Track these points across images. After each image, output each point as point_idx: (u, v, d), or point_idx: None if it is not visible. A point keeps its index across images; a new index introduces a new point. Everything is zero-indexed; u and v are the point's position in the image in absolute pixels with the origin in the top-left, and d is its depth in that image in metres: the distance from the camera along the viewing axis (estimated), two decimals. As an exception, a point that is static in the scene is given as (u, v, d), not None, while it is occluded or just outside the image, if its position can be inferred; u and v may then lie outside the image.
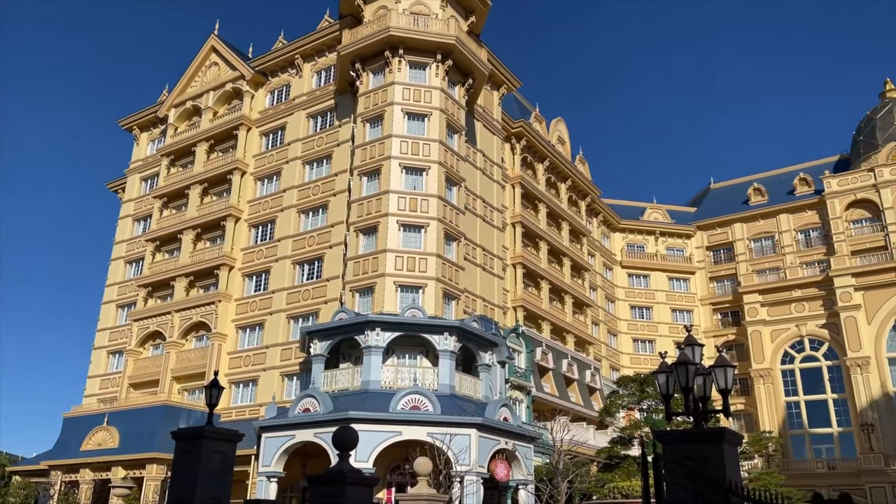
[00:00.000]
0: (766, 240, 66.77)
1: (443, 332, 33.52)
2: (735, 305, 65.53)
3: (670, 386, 14.99)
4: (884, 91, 67.47)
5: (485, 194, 46.24)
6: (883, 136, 62.97)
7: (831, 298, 59.21)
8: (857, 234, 61.55)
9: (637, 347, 66.08)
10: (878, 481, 51.89)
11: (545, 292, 52.83)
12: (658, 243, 69.64)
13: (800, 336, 60.82)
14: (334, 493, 12.70)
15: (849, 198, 61.97)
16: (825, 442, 58.02)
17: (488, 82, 47.99)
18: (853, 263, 58.90)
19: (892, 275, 57.02)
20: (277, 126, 47.12)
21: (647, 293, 67.96)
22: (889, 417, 54.73)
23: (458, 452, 28.28)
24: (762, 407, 59.93)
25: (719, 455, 13.10)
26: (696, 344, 14.99)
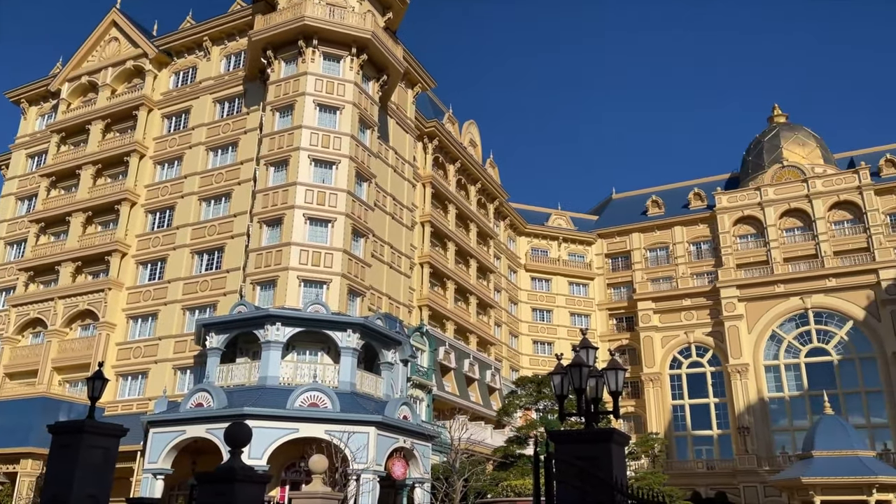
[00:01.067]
0: (661, 250, 70.01)
1: (346, 328, 33.14)
2: (630, 311, 68.36)
3: (565, 387, 15.38)
4: (772, 115, 72.22)
5: (395, 192, 46.12)
6: (769, 157, 67.37)
7: (717, 308, 62.79)
8: (742, 248, 65.55)
9: (537, 349, 67.79)
10: (751, 481, 55.45)
11: (451, 292, 53.27)
12: (561, 249, 71.70)
13: (688, 343, 64.14)
14: (223, 491, 12.25)
15: (737, 214, 65.94)
16: (706, 443, 61.43)
17: (403, 80, 47.90)
18: (738, 276, 62.72)
19: (772, 288, 61.10)
20: (181, 109, 45.22)
21: (549, 297, 69.82)
22: (763, 421, 58.59)
23: (355, 450, 28.04)
24: (651, 409, 62.80)
25: (608, 455, 13.53)
26: (590, 347, 15.46)
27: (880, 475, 33.73)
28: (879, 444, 53.14)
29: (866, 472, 33.77)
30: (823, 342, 59.15)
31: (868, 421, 55.75)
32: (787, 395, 59.17)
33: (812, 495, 34.65)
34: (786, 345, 60.25)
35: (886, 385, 55.61)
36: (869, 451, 37.18)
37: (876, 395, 56.22)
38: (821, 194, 62.88)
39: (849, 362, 57.90)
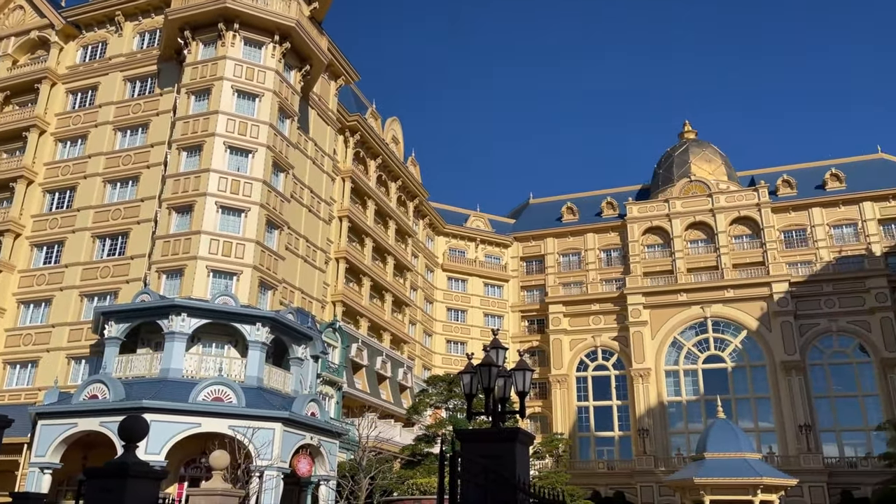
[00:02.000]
0: (573, 255, 71.94)
1: (255, 322, 32.31)
2: (541, 314, 69.89)
3: (474, 386, 15.53)
4: (683, 131, 75.48)
5: (313, 184, 45.36)
6: (679, 171, 70.39)
7: (624, 314, 65.07)
8: (650, 257, 68.20)
9: (450, 348, 68.27)
10: (648, 481, 57.75)
11: (366, 289, 52.89)
12: (478, 250, 72.51)
13: (595, 346, 66.16)
14: (114, 486, 11.67)
15: (646, 224, 68.55)
16: (607, 444, 63.53)
17: (326, 71, 47.20)
18: (644, 284, 65.22)
19: (675, 297, 63.86)
20: (88, 85, 42.90)
21: (464, 297, 70.47)
22: (661, 424, 61.15)
23: (260, 447, 27.36)
24: (557, 410, 64.40)
25: (512, 454, 13.71)
26: (500, 347, 15.66)
27: (765, 476, 35.79)
28: (765, 447, 56.46)
29: (752, 473, 35.75)
30: (720, 350, 62.32)
31: (756, 425, 59.10)
32: (685, 399, 61.97)
33: (703, 495, 36.38)
34: (685, 351, 63.10)
35: (774, 392, 59.12)
36: (756, 453, 39.34)
37: (764, 401, 59.68)
38: (723, 209, 66.22)
39: (741, 369, 61.22)
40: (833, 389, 58.80)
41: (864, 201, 63.60)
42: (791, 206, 65.60)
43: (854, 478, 53.95)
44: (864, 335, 58.62)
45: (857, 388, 58.20)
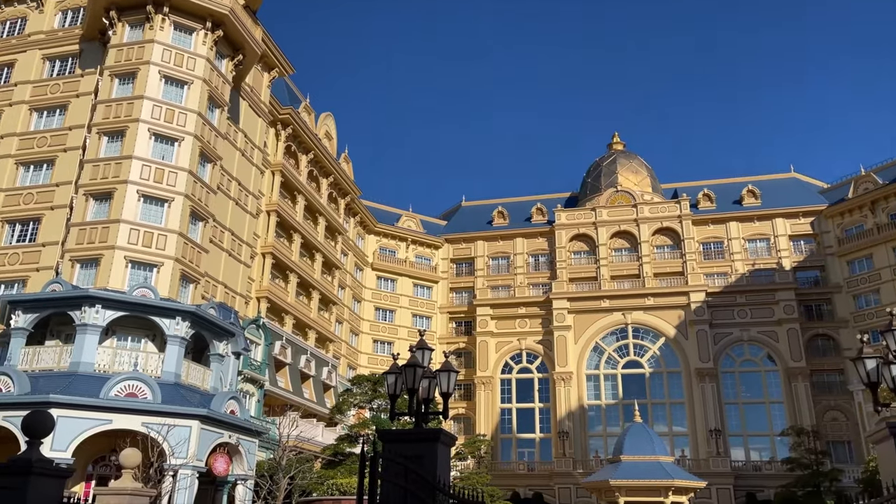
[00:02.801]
0: (502, 259, 72.83)
1: (175, 316, 31.21)
2: (469, 316, 70.43)
3: (398, 387, 15.51)
4: (612, 142, 77.56)
5: (242, 177, 44.30)
6: (606, 181, 72.30)
7: (549, 318, 66.32)
8: (576, 263, 69.77)
9: (377, 348, 67.93)
10: (566, 482, 59.01)
11: (293, 286, 52.02)
12: (409, 250, 72.45)
13: (520, 349, 67.17)
14: (16, 484, 11.10)
15: (573, 231, 70.10)
16: (528, 446, 64.58)
17: (260, 62, 46.21)
18: (569, 289, 66.68)
19: (598, 303, 65.57)
20: (3, 62, 40.63)
21: (393, 297, 70.27)
22: (581, 426, 62.62)
23: (175, 444, 26.48)
24: (480, 411, 65.02)
25: (433, 454, 13.75)
26: (426, 348, 15.70)
27: (676, 479, 37.12)
28: (678, 450, 58.58)
29: (665, 475, 37.01)
30: (639, 356, 64.33)
31: (670, 429, 61.29)
32: (604, 402, 63.67)
33: (617, 496, 37.42)
34: (606, 356, 64.84)
35: (688, 397, 61.45)
36: (669, 456, 40.71)
37: (679, 406, 61.97)
38: (647, 220, 68.42)
39: (658, 375, 63.38)
40: (742, 396, 61.61)
41: (777, 217, 66.92)
42: (710, 220, 68.36)
43: (758, 481, 56.65)
44: (773, 345, 61.67)
45: (765, 396, 61.16)
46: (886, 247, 61.27)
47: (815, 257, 65.31)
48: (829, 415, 59.75)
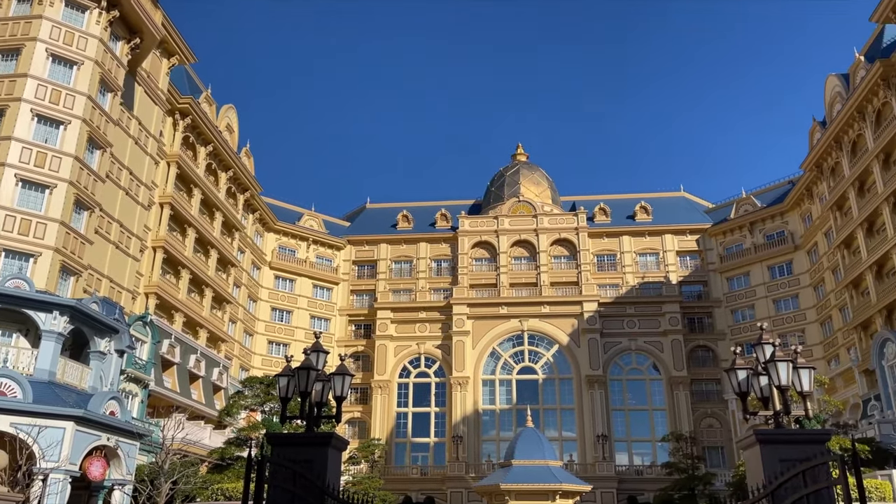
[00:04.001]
0: (405, 263, 72.86)
1: (52, 310, 29.20)
2: (369, 319, 69.97)
3: (290, 389, 15.15)
4: (516, 153, 79.36)
5: (134, 166, 42.13)
6: (509, 191, 73.86)
7: (448, 323, 66.93)
8: (477, 270, 70.80)
9: (272, 349, 66.28)
10: (458, 486, 59.63)
11: (185, 282, 49.95)
12: (310, 250, 71.17)
13: (418, 353, 67.37)
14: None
15: (476, 238, 71.13)
16: (423, 450, 64.80)
17: (159, 48, 44.19)
18: (470, 295, 67.58)
19: (497, 309, 66.80)
20: None
21: (291, 297, 68.79)
22: (475, 431, 63.50)
23: (46, 447, 24.76)
24: (376, 415, 64.69)
25: (324, 459, 13.52)
26: (321, 351, 15.40)
27: (564, 483, 38.21)
28: (567, 454, 60.53)
29: (553, 480, 38.01)
30: (533, 362, 66.01)
31: (560, 434, 63.18)
32: (499, 407, 64.86)
33: (507, 500, 38.12)
34: (503, 362, 66.13)
35: (578, 403, 63.59)
36: (558, 461, 41.84)
37: (569, 412, 64.01)
38: (546, 230, 70.39)
39: (551, 381, 65.25)
40: (628, 403, 64.41)
41: (666, 234, 70.49)
42: (605, 233, 71.14)
43: (640, 484, 59.30)
44: (657, 355, 64.84)
45: (649, 403, 64.18)
46: (762, 265, 65.87)
47: (698, 273, 69.24)
48: (705, 422, 63.42)
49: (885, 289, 48.56)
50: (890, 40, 48.30)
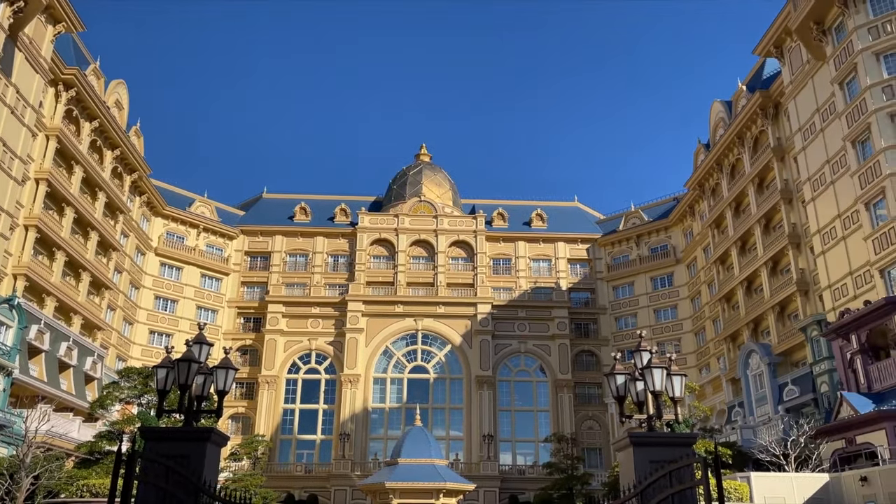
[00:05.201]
0: (301, 256, 71.45)
1: None
2: (260, 312, 68.09)
3: (169, 382, 14.52)
4: (419, 153, 79.60)
5: (8, 137, 39.01)
6: (411, 190, 74.01)
7: (342, 320, 66.21)
8: (374, 267, 70.45)
9: (153, 340, 63.24)
10: (343, 484, 59.07)
11: (60, 265, 46.78)
12: (200, 238, 68.42)
13: (310, 349, 66.23)
14: None
15: (375, 235, 70.79)
16: (309, 447, 63.75)
17: (44, 13, 41.14)
18: (366, 292, 67.15)
19: (393, 307, 66.74)
20: None
21: (177, 286, 65.88)
22: (363, 429, 63.14)
23: None
24: (262, 411, 63.02)
25: (201, 455, 13.03)
26: (204, 343, 14.84)
27: (448, 482, 38.70)
28: (453, 454, 61.25)
29: (438, 478, 38.42)
30: (426, 361, 66.42)
31: (448, 433, 63.89)
32: (388, 406, 64.81)
33: (392, 498, 38.16)
34: (395, 360, 66.14)
35: (467, 404, 64.56)
36: (443, 460, 42.34)
37: (458, 412, 64.85)
38: (446, 231, 71.04)
39: (442, 381, 65.88)
40: (515, 404, 66.03)
41: (559, 241, 72.85)
42: (502, 237, 72.63)
43: (522, 483, 60.90)
44: (545, 358, 66.88)
45: (534, 404, 66.05)
46: (645, 276, 69.36)
47: (587, 280, 71.98)
48: (586, 423, 66.01)
49: (754, 304, 52.26)
50: (770, 73, 52.04)
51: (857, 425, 30.74)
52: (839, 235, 39.21)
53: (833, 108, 39.45)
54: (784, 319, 48.48)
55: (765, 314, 50.17)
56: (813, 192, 42.14)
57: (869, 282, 35.70)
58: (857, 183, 36.38)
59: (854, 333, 34.20)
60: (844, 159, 38.17)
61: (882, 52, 35.77)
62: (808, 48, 41.48)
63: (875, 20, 36.26)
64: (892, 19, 35.75)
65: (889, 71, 35.36)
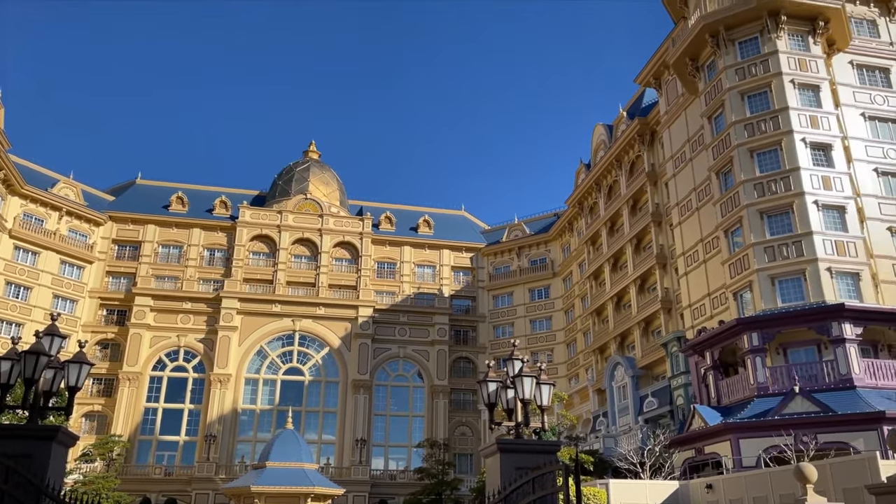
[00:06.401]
0: (174, 248, 68.06)
1: None
2: (125, 305, 64.19)
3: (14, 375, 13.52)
4: (308, 150, 78.09)
5: None
6: (297, 187, 72.42)
7: (216, 316, 63.65)
8: (253, 264, 68.28)
9: (2, 329, 58.01)
10: (205, 488, 56.62)
11: None
12: (62, 222, 63.60)
13: (178, 346, 63.15)
14: None
15: (256, 230, 68.63)
16: (171, 449, 60.66)
17: None
18: (242, 289, 64.93)
19: (270, 306, 64.94)
20: None
21: (32, 272, 60.84)
22: (231, 431, 60.90)
23: None
24: (121, 410, 59.35)
25: (46, 455, 12.32)
26: (56, 335, 13.96)
27: (317, 486, 37.95)
28: (325, 458, 60.34)
29: (307, 482, 37.60)
30: (302, 363, 65.06)
31: (320, 437, 62.86)
32: (259, 407, 62.89)
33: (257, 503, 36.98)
34: (269, 361, 64.33)
35: (341, 407, 63.80)
36: (314, 464, 41.51)
37: (332, 416, 63.95)
38: (331, 231, 70.04)
39: (317, 384, 64.75)
40: (391, 409, 65.98)
41: (444, 249, 73.71)
42: (388, 241, 72.54)
43: (392, 488, 60.90)
44: (423, 363, 67.33)
45: (410, 409, 66.28)
46: (524, 287, 71.52)
47: (469, 289, 73.24)
48: (459, 429, 67.01)
49: (622, 318, 55.09)
50: (649, 102, 55.22)
51: (706, 436, 33.02)
52: (701, 259, 42.12)
53: (702, 140, 42.38)
54: (648, 335, 51.41)
55: (631, 329, 52.99)
56: (680, 216, 45.02)
57: (724, 303, 38.54)
58: (718, 211, 39.22)
59: (708, 350, 36.78)
60: (709, 188, 41.06)
61: (746, 92, 38.84)
62: (683, 82, 44.37)
63: (742, 62, 39.35)
64: (757, 62, 38.92)
65: (752, 110, 38.43)
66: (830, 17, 38.88)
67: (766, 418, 30.35)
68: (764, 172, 36.83)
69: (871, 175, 38.01)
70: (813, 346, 33.63)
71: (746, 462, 30.01)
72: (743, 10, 39.09)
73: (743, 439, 30.85)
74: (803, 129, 36.75)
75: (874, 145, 38.78)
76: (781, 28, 38.76)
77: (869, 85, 40.50)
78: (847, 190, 35.89)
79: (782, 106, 37.33)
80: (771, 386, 32.62)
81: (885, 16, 42.46)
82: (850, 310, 32.16)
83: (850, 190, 36.06)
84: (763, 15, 38.83)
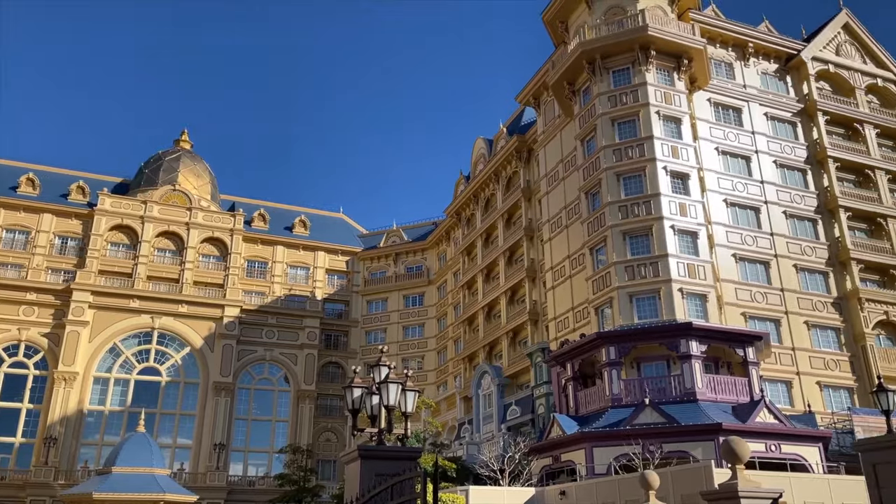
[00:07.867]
0: (21, 233, 62.55)
1: None
2: (-42, 293, 58.04)
3: None
4: (179, 139, 74.28)
5: None
6: (165, 177, 68.60)
7: (64, 310, 59.00)
8: (111, 255, 63.90)
9: None
10: (42, 494, 52.17)
11: None
12: None
13: (19, 340, 58.01)
14: None
15: (116, 220, 64.32)
16: (5, 452, 55.53)
17: None
18: (97, 282, 60.58)
19: (127, 301, 60.98)
20: None
21: None
22: (75, 433, 56.49)
23: None
24: (-54, 409, 53.57)
25: None
26: None
27: (168, 493, 35.89)
28: (179, 463, 57.22)
29: (157, 489, 35.48)
30: (159, 363, 61.50)
31: (175, 441, 59.62)
32: (108, 409, 58.80)
33: (99, 511, 34.45)
34: (123, 359, 60.35)
35: (200, 410, 60.86)
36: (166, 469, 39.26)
37: (189, 419, 60.83)
38: (199, 226, 66.86)
39: (175, 385, 61.42)
40: (253, 413, 63.74)
41: (320, 251, 72.44)
42: (260, 239, 70.29)
43: (251, 495, 58.77)
44: (291, 367, 65.65)
45: (273, 414, 64.34)
46: (399, 293, 71.60)
47: (343, 293, 72.35)
48: (324, 435, 65.86)
49: (492, 328, 56.42)
50: (528, 120, 57.13)
51: (563, 444, 34.37)
52: (567, 274, 43.96)
53: (574, 161, 44.34)
54: (516, 345, 52.94)
55: (500, 339, 54.35)
56: (551, 232, 46.81)
57: (586, 317, 40.40)
58: (586, 229, 41.13)
59: (569, 362, 38.37)
60: (578, 207, 42.99)
61: (617, 119, 41.06)
62: (561, 104, 46.27)
63: (615, 90, 41.58)
64: (628, 91, 41.28)
65: (621, 136, 40.66)
66: (693, 56, 41.93)
67: (618, 428, 32.02)
68: (628, 196, 39.04)
69: (721, 205, 41.33)
70: (663, 361, 35.90)
71: (599, 469, 31.49)
72: (617, 41, 41.35)
73: (597, 448, 32.37)
74: (665, 158, 39.31)
75: (725, 177, 42.22)
76: (651, 62, 41.33)
77: (724, 122, 44.09)
78: (700, 217, 38.74)
79: (648, 134, 39.75)
80: (625, 397, 34.49)
81: (741, 60, 46.42)
82: (697, 328, 34.65)
83: (703, 217, 38.96)
84: (635, 48, 41.23)
